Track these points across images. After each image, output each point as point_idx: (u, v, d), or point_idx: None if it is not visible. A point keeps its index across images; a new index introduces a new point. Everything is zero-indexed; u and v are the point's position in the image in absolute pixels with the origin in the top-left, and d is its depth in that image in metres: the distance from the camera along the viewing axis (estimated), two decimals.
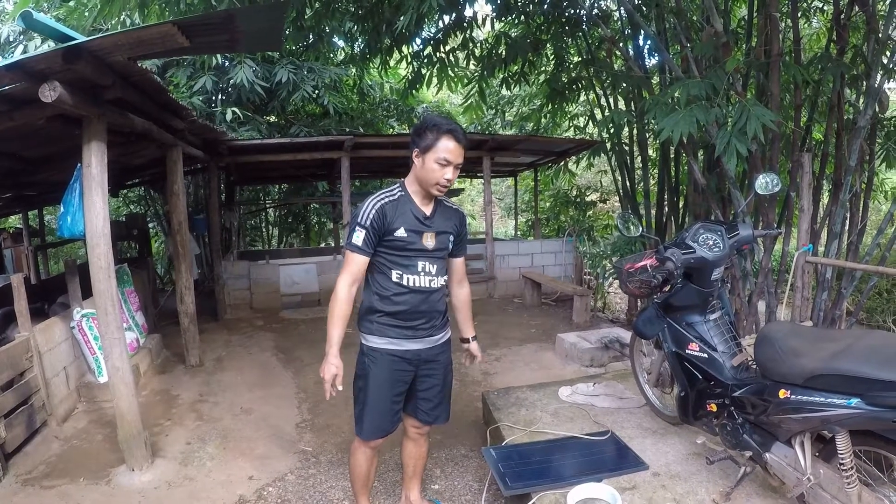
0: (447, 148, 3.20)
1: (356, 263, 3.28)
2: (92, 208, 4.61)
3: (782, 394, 2.98)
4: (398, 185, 3.40)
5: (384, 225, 3.25)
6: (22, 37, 11.72)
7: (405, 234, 3.28)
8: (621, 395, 4.98)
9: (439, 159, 3.20)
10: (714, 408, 3.58)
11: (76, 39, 3.80)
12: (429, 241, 3.36)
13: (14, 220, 16.22)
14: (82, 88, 4.27)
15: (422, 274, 3.37)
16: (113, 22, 8.60)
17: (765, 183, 3.96)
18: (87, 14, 8.13)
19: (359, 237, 3.22)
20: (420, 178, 3.29)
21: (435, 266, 3.42)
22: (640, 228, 4.21)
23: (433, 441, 4.68)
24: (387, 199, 3.30)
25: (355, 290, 3.33)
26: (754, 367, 3.45)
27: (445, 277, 3.55)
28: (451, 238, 3.50)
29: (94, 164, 4.58)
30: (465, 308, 3.87)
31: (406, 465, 4.02)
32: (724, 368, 3.57)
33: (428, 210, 3.39)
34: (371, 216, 3.23)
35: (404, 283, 3.34)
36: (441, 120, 3.27)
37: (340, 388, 3.26)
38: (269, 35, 5.51)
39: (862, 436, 2.81)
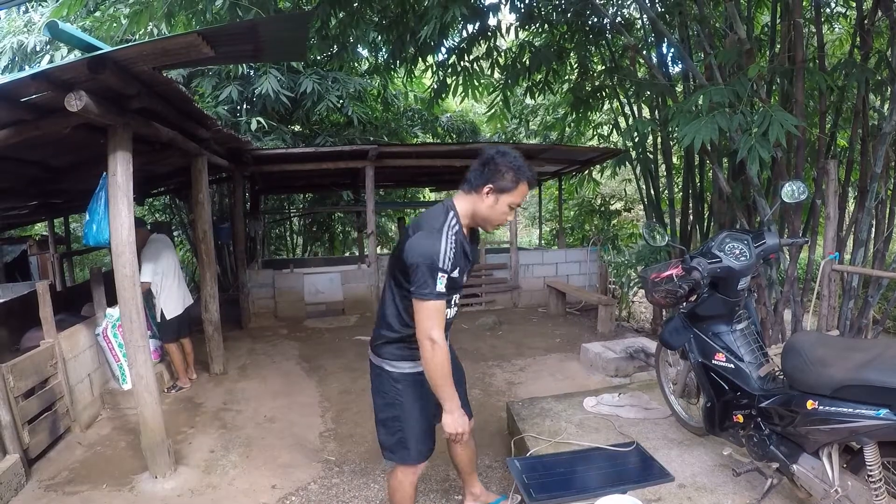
0: (524, 193, 3.14)
1: (442, 312, 3.04)
2: (117, 217, 4.65)
3: (810, 404, 2.94)
4: (452, 212, 3.16)
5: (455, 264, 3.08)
6: (48, 47, 11.87)
7: (457, 276, 3.14)
8: (646, 406, 4.94)
9: (514, 203, 3.13)
10: (741, 419, 3.54)
11: (101, 49, 3.83)
12: (465, 275, 3.30)
13: (40, 228, 16.40)
14: (107, 98, 4.31)
15: (453, 307, 3.31)
16: (140, 32, 8.69)
17: (791, 191, 3.92)
18: (115, 25, 8.21)
19: (443, 283, 2.97)
20: (483, 214, 3.17)
21: (459, 296, 3.36)
22: (667, 238, 4.18)
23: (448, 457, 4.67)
24: (456, 234, 3.10)
25: None
26: (781, 377, 3.41)
27: None
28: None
29: (120, 173, 4.62)
30: None
31: (461, 466, 4.01)
32: (750, 379, 3.53)
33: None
34: (452, 258, 3.01)
35: None
36: (521, 162, 3.12)
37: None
38: (292, 45, 5.54)
39: (891, 447, 2.77)
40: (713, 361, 3.70)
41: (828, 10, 8.54)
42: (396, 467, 3.53)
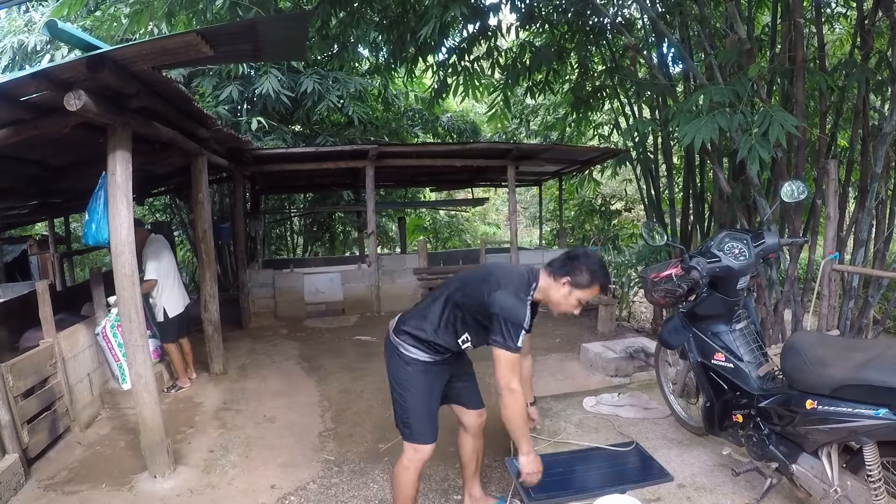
0: (595, 293, 3.46)
1: (519, 364, 3.41)
2: (116, 216, 4.64)
3: (809, 404, 2.94)
4: (535, 284, 3.50)
5: None
6: (49, 46, 11.86)
7: None
8: (646, 406, 4.94)
9: (583, 299, 3.47)
10: (740, 418, 3.54)
11: (100, 48, 3.83)
12: None
13: (41, 228, 16.39)
14: (107, 97, 4.31)
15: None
16: (141, 32, 8.69)
17: (791, 191, 3.92)
18: (115, 25, 8.21)
19: (521, 339, 3.32)
20: (555, 300, 3.51)
21: None
22: (666, 237, 4.18)
23: (455, 451, 4.66)
24: (530, 304, 3.44)
25: None
26: (781, 377, 3.41)
27: None
28: None
29: (119, 172, 4.62)
30: (527, 378, 4.06)
31: (468, 464, 4.13)
32: (749, 378, 3.52)
33: None
34: (530, 320, 3.40)
35: (463, 347, 3.62)
36: (600, 267, 3.41)
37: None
38: (292, 44, 5.53)
39: (890, 447, 2.76)
40: (712, 361, 3.70)
41: (828, 10, 8.53)
42: (403, 452, 3.68)
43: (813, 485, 3.07)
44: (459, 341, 3.56)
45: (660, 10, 8.05)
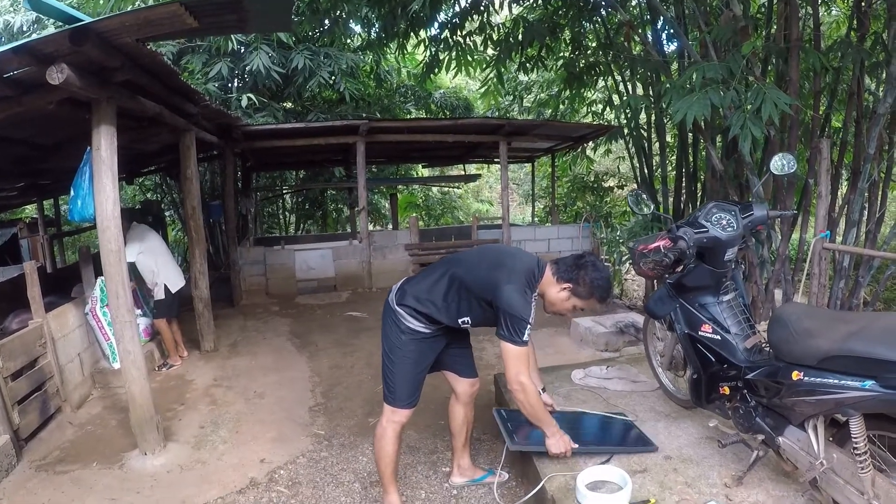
0: (591, 306, 3.61)
1: (528, 357, 3.47)
2: (102, 191, 4.61)
3: (795, 375, 2.92)
4: (540, 278, 3.53)
5: None
6: (35, 26, 11.76)
7: None
8: (634, 379, 4.95)
9: (578, 306, 3.58)
10: (727, 391, 3.53)
11: (83, 21, 3.79)
12: None
13: (31, 210, 16.33)
14: (90, 71, 4.28)
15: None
16: (129, 9, 8.61)
17: (781, 164, 3.90)
18: (102, 2, 8.12)
19: (527, 334, 3.35)
20: (551, 299, 3.57)
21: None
22: (652, 206, 4.18)
23: (445, 424, 4.66)
24: (535, 298, 3.51)
25: None
26: (767, 349, 3.41)
27: None
28: None
29: (104, 147, 4.58)
30: (534, 364, 4.07)
31: (457, 434, 4.20)
32: (736, 350, 3.52)
33: None
34: (533, 313, 3.39)
35: (461, 325, 3.66)
36: (603, 283, 3.50)
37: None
38: (278, 15, 5.48)
39: (876, 420, 2.76)
40: (699, 333, 3.69)
41: None
42: (382, 413, 3.80)
43: (799, 457, 3.07)
44: (460, 321, 3.59)
45: None
